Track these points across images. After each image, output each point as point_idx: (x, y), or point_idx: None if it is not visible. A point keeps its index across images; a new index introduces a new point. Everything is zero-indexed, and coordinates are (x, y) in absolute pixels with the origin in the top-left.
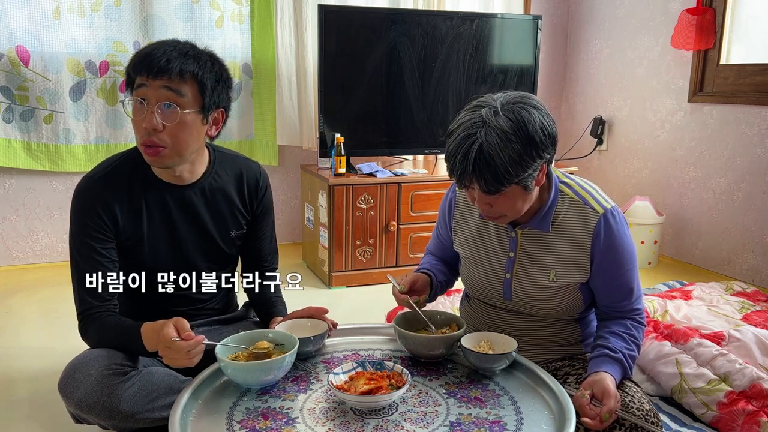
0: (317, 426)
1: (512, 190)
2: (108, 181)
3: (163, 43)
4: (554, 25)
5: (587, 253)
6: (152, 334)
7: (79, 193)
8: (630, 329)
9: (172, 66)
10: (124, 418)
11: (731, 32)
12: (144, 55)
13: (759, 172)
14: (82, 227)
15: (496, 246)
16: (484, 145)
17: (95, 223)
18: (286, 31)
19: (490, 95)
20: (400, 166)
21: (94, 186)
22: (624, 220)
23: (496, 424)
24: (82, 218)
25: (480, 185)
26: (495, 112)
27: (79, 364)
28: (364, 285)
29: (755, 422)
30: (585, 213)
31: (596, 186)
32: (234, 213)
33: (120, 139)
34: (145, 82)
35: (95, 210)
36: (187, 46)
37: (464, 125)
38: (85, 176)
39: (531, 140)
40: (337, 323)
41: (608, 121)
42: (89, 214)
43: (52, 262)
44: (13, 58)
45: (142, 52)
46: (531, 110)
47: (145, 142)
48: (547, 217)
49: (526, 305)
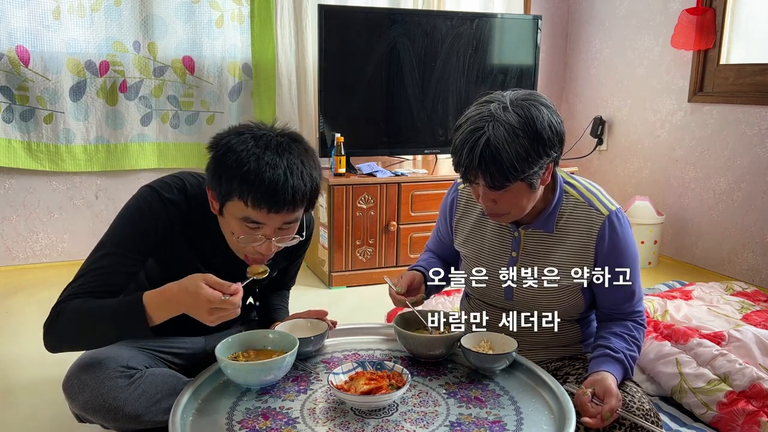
0: (317, 426)
1: (517, 187)
2: (174, 205)
3: (274, 167)
4: (554, 25)
5: (591, 254)
6: (175, 301)
7: (143, 201)
8: (631, 330)
9: (297, 198)
10: (128, 420)
11: (731, 32)
12: (268, 190)
13: (759, 172)
14: (135, 232)
15: (497, 245)
16: (492, 138)
17: (152, 237)
18: (286, 31)
19: (500, 92)
20: (400, 166)
21: (158, 203)
22: (628, 222)
23: (496, 424)
24: (139, 225)
25: (485, 180)
26: (504, 107)
27: (83, 366)
28: (364, 285)
29: (755, 422)
30: (590, 214)
31: (601, 187)
32: (277, 259)
33: (120, 139)
34: (265, 221)
35: (153, 225)
36: (295, 161)
37: (472, 119)
38: (155, 188)
39: (539, 137)
40: (336, 322)
41: (608, 121)
42: (145, 227)
43: (52, 262)
44: (13, 58)
45: (258, 181)
46: (540, 107)
47: (254, 259)
48: (552, 217)
49: (527, 306)
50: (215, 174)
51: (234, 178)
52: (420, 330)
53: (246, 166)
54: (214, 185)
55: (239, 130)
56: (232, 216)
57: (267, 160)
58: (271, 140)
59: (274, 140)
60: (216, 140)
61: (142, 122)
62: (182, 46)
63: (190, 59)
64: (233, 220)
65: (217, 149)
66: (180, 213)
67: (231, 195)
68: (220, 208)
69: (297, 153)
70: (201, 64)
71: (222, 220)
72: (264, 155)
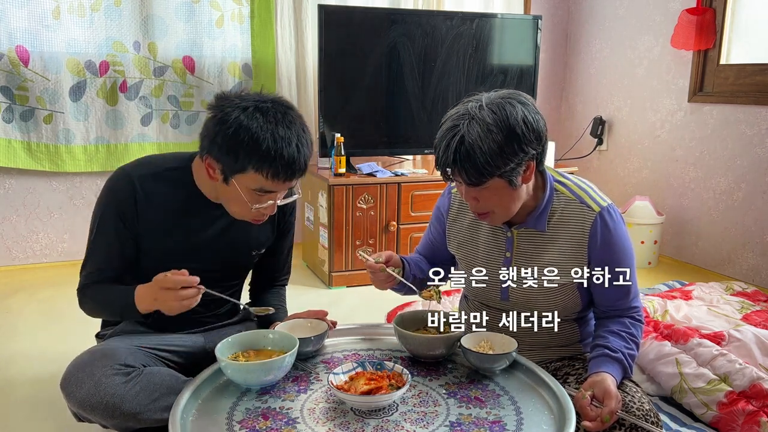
0: (317, 426)
1: (496, 184)
2: (158, 178)
3: (288, 143)
4: (554, 25)
5: (584, 251)
6: (147, 288)
7: (120, 177)
8: (629, 327)
9: (305, 166)
10: (126, 417)
11: (731, 32)
12: (287, 164)
13: (759, 172)
14: (108, 214)
15: (492, 247)
16: (466, 136)
17: (122, 217)
18: (286, 31)
19: (483, 93)
20: (400, 166)
21: (131, 184)
22: (621, 218)
23: (496, 424)
24: (109, 208)
25: (462, 177)
26: (480, 106)
27: (81, 364)
28: (364, 285)
29: (755, 422)
30: (581, 211)
31: (592, 184)
32: (262, 232)
33: (120, 139)
34: (279, 189)
35: (125, 206)
36: (302, 133)
37: (451, 118)
38: (132, 166)
39: (512, 132)
40: (336, 322)
41: (608, 121)
42: (117, 209)
43: (52, 262)
44: (13, 58)
45: (278, 157)
46: (516, 105)
47: (258, 220)
48: (543, 216)
49: (524, 306)
50: (229, 150)
51: (253, 154)
52: (420, 330)
53: (264, 143)
54: (224, 160)
55: (242, 104)
56: (243, 186)
57: (282, 135)
58: (276, 113)
59: (278, 112)
60: (221, 115)
61: (143, 122)
62: (182, 46)
63: (191, 59)
64: (244, 190)
65: (226, 126)
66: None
67: (246, 169)
68: (226, 178)
69: (299, 123)
70: (201, 64)
71: (224, 188)
72: (277, 130)
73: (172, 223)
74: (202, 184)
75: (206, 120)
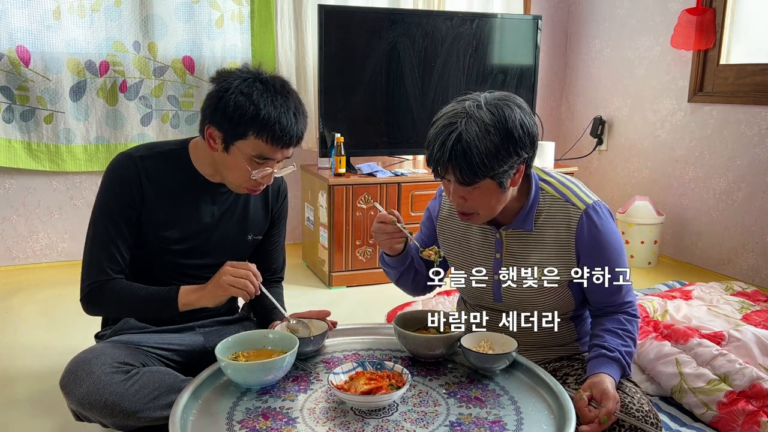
0: (317, 426)
1: (486, 185)
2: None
3: (287, 110)
4: (554, 25)
5: (572, 250)
6: (206, 288)
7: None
8: (624, 324)
9: (301, 135)
10: (125, 416)
11: (731, 32)
12: (285, 130)
13: (759, 172)
14: (113, 198)
15: (482, 248)
16: (464, 134)
17: (127, 198)
18: (286, 31)
19: (478, 92)
20: (400, 166)
21: (134, 163)
22: (608, 213)
23: (496, 424)
24: (113, 190)
25: (455, 175)
26: (478, 105)
27: (81, 362)
28: (364, 285)
29: (755, 422)
30: (566, 210)
31: (578, 182)
32: (257, 216)
33: (120, 139)
34: (276, 156)
35: (129, 186)
36: (298, 105)
37: (447, 115)
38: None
39: (510, 135)
40: (336, 322)
41: (608, 121)
42: (122, 189)
43: (52, 262)
44: (13, 58)
45: (276, 122)
46: (514, 107)
47: (255, 190)
48: (530, 216)
49: (517, 306)
50: (231, 116)
51: (254, 119)
52: (420, 330)
53: (265, 109)
54: (226, 126)
55: (243, 75)
56: (242, 153)
57: (281, 102)
58: (275, 83)
59: (277, 84)
60: (224, 85)
61: (142, 122)
62: (182, 46)
63: (190, 59)
64: (243, 156)
65: (228, 93)
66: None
67: (246, 135)
68: (227, 146)
69: (294, 95)
70: (201, 64)
71: (224, 157)
72: (276, 98)
73: (173, 200)
74: (200, 165)
75: (209, 93)
